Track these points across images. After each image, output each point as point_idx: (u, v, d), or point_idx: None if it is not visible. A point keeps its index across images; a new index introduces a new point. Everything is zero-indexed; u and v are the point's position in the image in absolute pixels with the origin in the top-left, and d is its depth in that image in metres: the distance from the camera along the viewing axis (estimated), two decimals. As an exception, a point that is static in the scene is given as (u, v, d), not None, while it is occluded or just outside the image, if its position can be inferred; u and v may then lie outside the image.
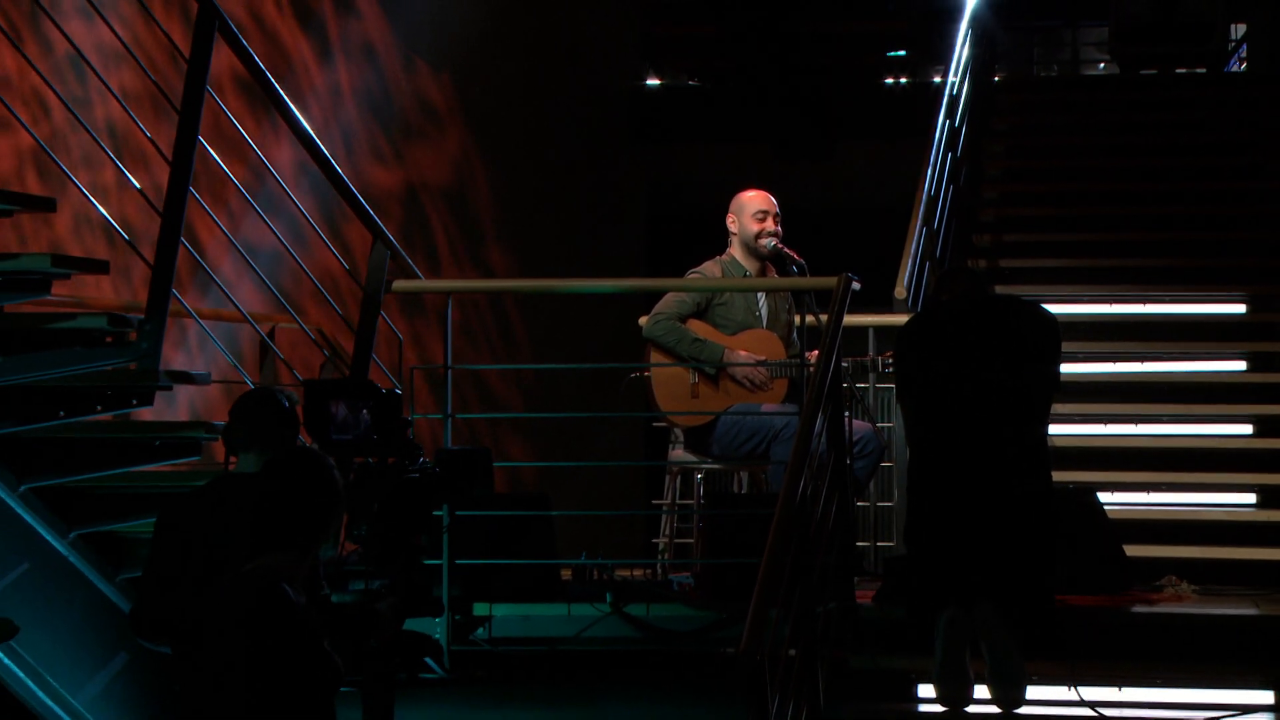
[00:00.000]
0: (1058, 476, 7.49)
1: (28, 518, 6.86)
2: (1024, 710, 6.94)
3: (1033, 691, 7.00)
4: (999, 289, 10.84)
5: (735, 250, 8.72)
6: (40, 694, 6.95)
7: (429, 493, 6.38)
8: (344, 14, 11.92)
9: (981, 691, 6.98)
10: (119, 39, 8.41)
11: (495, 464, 6.71)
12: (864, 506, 8.56)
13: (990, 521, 6.95)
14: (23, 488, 6.85)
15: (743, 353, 8.51)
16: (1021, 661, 6.89)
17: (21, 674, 6.90)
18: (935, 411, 7.13)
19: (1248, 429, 9.79)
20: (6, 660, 6.85)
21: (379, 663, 6.33)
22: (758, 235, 8.63)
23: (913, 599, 7.24)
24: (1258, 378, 10.20)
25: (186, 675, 6.18)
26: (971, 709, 7.01)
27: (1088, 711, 6.88)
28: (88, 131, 7.81)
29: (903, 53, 17.87)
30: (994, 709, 6.96)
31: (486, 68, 13.96)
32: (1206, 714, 6.97)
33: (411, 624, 6.61)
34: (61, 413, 6.81)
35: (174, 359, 9.15)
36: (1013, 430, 7.03)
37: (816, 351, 7.72)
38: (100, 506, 7.05)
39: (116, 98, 8.14)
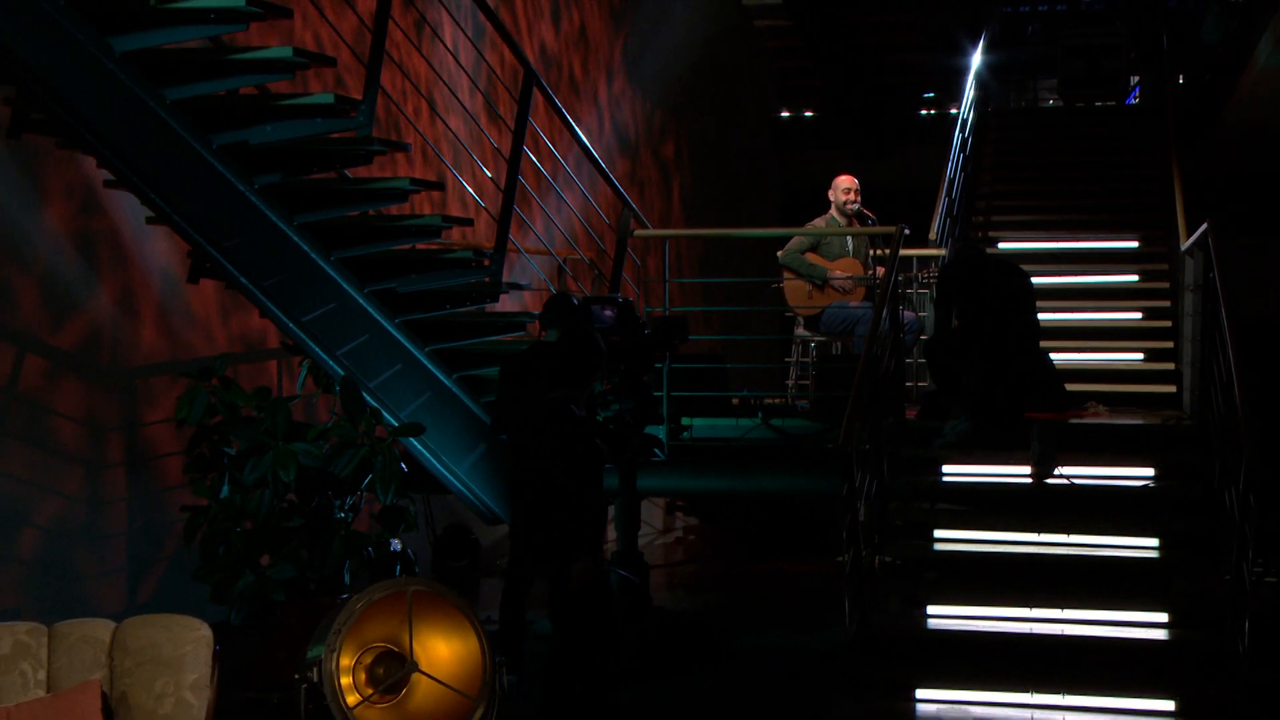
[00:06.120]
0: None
1: (431, 366, 6.85)
2: (1009, 480, 6.71)
3: (1009, 470, 6.75)
4: (991, 233, 10.54)
5: (833, 211, 8.47)
6: (437, 465, 6.98)
7: (652, 349, 6.30)
8: (604, 73, 11.75)
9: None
10: (477, 87, 8.30)
11: (691, 336, 6.61)
12: (910, 363, 8.31)
13: (1027, 368, 7.03)
14: (427, 349, 6.84)
15: (838, 272, 8.28)
16: (1057, 453, 6.65)
17: (427, 454, 6.93)
18: (974, 316, 7.13)
19: (1139, 315, 9.38)
20: (419, 446, 6.87)
21: (627, 451, 6.25)
22: (846, 203, 8.41)
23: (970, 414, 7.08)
24: (1145, 285, 9.75)
25: (517, 458, 6.16)
26: (986, 479, 6.81)
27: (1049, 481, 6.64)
28: (460, 142, 7.72)
29: (932, 94, 17.40)
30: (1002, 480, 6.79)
31: (686, 106, 13.73)
32: (1113, 481, 6.70)
33: (647, 430, 6.54)
34: (448, 306, 6.80)
35: (509, 274, 9.09)
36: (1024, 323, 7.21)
37: (882, 270, 7.50)
38: (467, 357, 7.03)
39: (474, 119, 8.03)
